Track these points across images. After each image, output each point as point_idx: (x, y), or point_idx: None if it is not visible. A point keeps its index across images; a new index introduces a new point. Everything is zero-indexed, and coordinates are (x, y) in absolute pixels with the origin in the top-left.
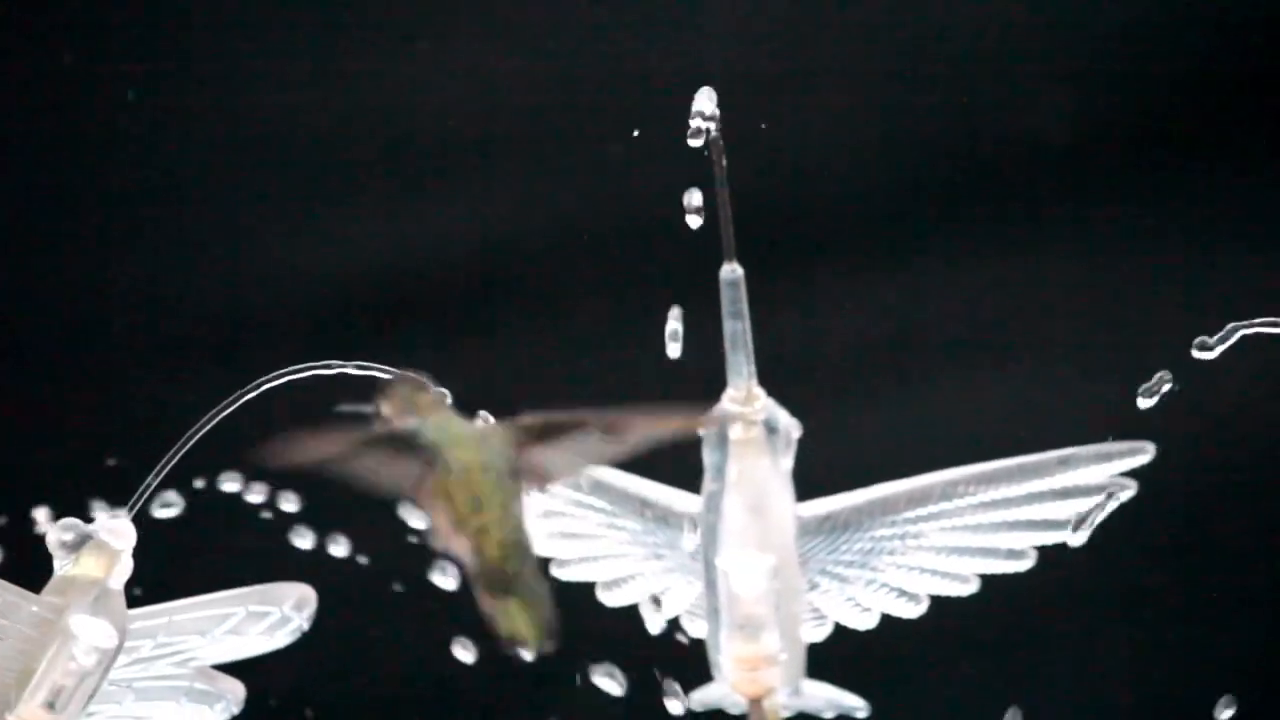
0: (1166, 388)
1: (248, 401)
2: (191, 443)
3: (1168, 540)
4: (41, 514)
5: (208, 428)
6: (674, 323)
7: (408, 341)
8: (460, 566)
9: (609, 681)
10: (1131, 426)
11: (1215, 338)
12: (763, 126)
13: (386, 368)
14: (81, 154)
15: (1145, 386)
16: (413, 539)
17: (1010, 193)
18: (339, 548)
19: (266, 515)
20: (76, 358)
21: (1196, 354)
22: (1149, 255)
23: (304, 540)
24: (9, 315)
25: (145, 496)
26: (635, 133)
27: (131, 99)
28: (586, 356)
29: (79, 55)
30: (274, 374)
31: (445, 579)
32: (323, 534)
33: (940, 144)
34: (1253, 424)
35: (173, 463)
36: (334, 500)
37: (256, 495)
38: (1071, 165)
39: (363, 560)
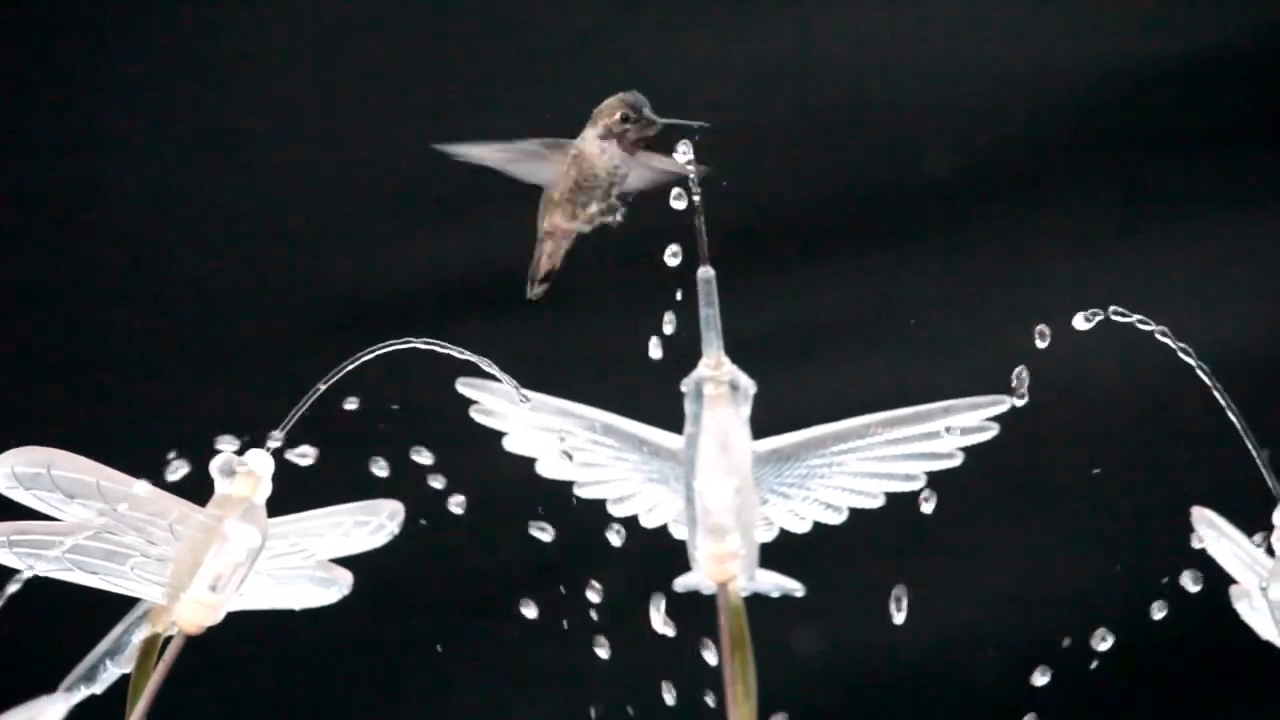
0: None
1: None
2: (311, 401)
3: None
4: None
5: (323, 390)
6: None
7: (473, 328)
8: None
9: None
10: (992, 388)
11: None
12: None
13: (449, 347)
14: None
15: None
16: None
17: (901, 220)
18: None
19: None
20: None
21: (1078, 324)
22: (999, 266)
23: (383, 471)
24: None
25: (282, 439)
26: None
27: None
28: (604, 335)
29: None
30: (372, 347)
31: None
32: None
33: (851, 181)
34: (1080, 388)
35: (297, 416)
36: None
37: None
38: (945, 198)
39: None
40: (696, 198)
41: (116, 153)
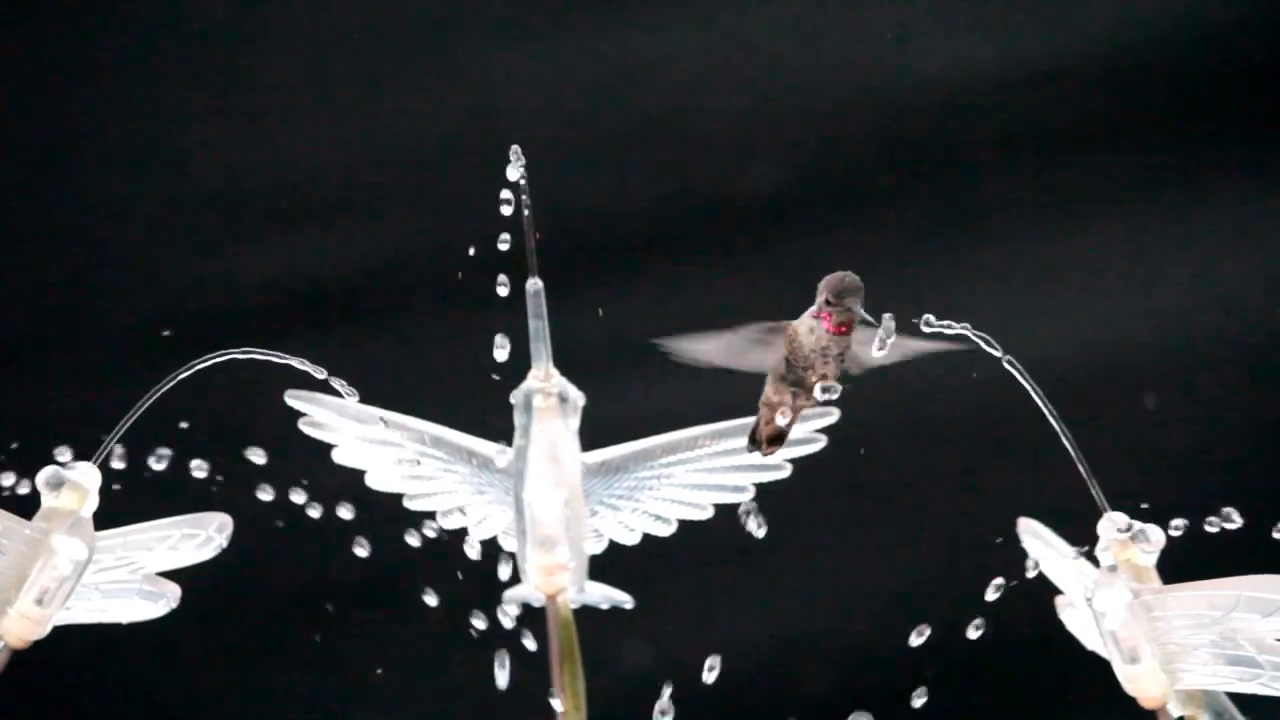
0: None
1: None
2: (140, 412)
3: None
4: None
5: (151, 401)
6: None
7: (306, 340)
8: None
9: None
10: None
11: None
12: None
13: (280, 355)
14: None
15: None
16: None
17: (731, 230)
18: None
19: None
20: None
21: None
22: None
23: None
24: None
25: (106, 452)
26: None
27: None
28: (434, 350)
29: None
30: (199, 359)
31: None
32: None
33: (680, 191)
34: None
35: (125, 428)
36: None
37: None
38: (775, 208)
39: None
40: (526, 210)
41: None
